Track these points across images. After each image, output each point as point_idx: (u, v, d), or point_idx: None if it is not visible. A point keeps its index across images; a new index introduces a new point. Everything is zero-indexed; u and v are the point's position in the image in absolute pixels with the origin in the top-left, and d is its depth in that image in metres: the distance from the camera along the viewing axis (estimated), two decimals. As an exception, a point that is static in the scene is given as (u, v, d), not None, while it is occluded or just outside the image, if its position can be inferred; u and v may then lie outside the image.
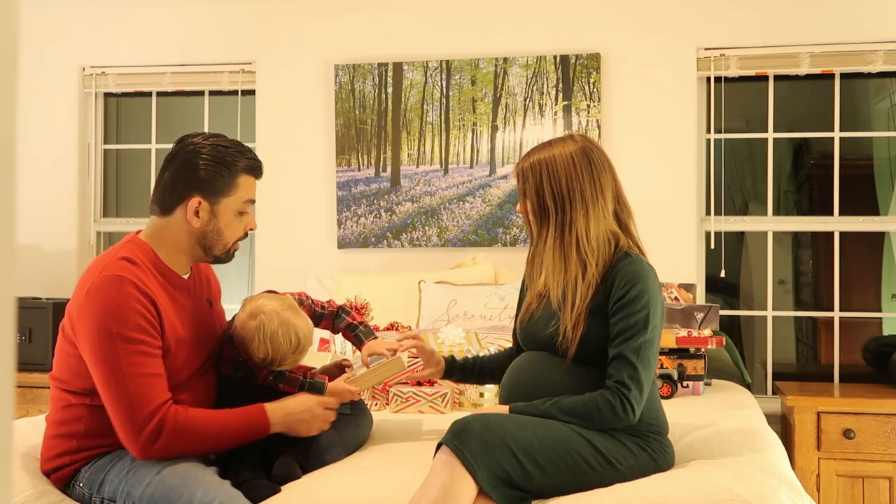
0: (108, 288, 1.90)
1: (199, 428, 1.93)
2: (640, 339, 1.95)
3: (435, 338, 3.01)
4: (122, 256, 1.98)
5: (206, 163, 2.02)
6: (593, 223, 2.03)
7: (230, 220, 2.07)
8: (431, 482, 1.78)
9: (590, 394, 1.96)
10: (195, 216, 2.03)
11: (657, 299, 2.01)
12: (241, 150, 2.08)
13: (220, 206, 2.05)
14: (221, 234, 2.07)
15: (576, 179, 2.03)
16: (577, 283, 2.01)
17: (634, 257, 2.03)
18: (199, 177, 2.02)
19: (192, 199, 2.02)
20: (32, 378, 3.62)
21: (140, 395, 1.87)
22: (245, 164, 2.07)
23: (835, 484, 3.16)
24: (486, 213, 3.85)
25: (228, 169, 2.04)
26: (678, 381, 3.04)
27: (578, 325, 1.99)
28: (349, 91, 3.94)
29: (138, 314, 1.90)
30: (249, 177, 2.09)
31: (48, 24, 4.17)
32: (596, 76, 3.76)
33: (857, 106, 4.24)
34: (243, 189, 2.07)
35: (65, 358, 1.99)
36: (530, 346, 2.14)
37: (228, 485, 1.87)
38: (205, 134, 2.10)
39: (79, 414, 1.98)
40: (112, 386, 1.87)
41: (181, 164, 2.04)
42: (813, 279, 4.64)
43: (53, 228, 4.14)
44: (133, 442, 1.88)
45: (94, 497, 1.93)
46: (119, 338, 1.87)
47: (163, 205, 2.06)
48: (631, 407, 1.92)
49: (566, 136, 2.14)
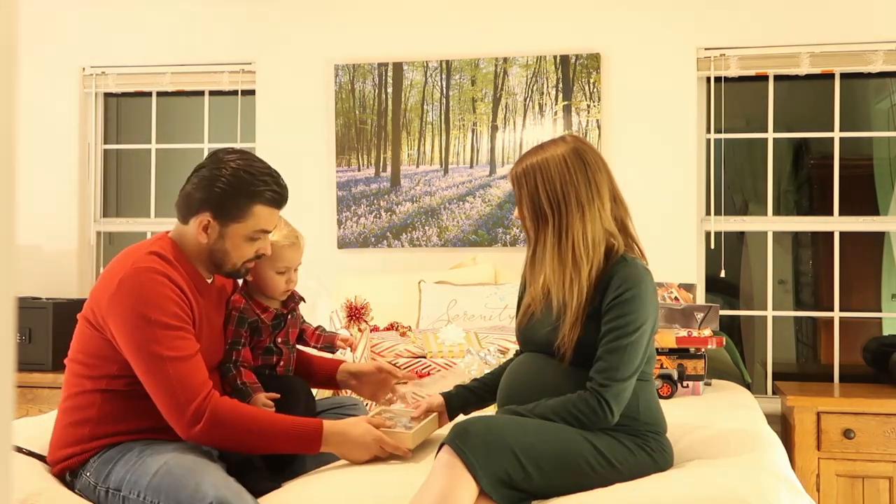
0: (143, 277, 1.93)
1: (247, 423, 1.92)
2: (625, 341, 1.94)
3: (435, 338, 3.01)
4: (152, 251, 2.01)
5: (225, 184, 2.01)
6: (590, 225, 2.02)
7: (239, 244, 2.06)
8: (433, 482, 1.78)
9: (570, 395, 1.96)
10: (203, 232, 2.04)
11: (650, 304, 2.00)
12: (265, 181, 2.03)
13: (229, 230, 2.04)
14: (228, 255, 2.07)
15: (570, 182, 2.02)
16: (575, 286, 2.00)
17: (630, 261, 2.02)
18: (214, 197, 2.01)
19: (202, 214, 2.03)
20: (32, 378, 3.62)
21: (181, 376, 1.89)
22: (265, 195, 2.03)
23: (835, 484, 3.16)
24: (486, 213, 3.85)
25: (245, 197, 2.02)
26: (678, 381, 3.04)
27: (576, 328, 1.99)
28: (349, 91, 3.95)
29: (173, 302, 1.93)
30: (268, 208, 2.05)
31: (48, 24, 4.18)
32: (596, 76, 3.76)
33: (857, 106, 4.24)
34: (257, 219, 2.05)
35: (88, 342, 2.00)
36: (529, 348, 2.15)
37: (233, 480, 1.87)
38: (241, 153, 2.07)
39: (91, 400, 1.99)
40: (154, 370, 1.89)
41: (203, 178, 2.03)
42: (813, 279, 4.64)
43: (53, 228, 4.14)
44: (177, 422, 1.90)
45: (99, 486, 1.94)
46: (157, 324, 1.90)
47: (181, 213, 2.08)
48: (609, 407, 1.92)
49: (558, 138, 2.13)
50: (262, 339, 2.24)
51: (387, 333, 3.12)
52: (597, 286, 2.01)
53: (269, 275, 2.21)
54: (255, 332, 2.23)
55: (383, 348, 3.02)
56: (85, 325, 2.03)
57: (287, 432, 1.95)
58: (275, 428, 1.95)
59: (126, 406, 1.96)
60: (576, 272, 2.01)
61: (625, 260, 2.02)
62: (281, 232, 2.20)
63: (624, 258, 2.03)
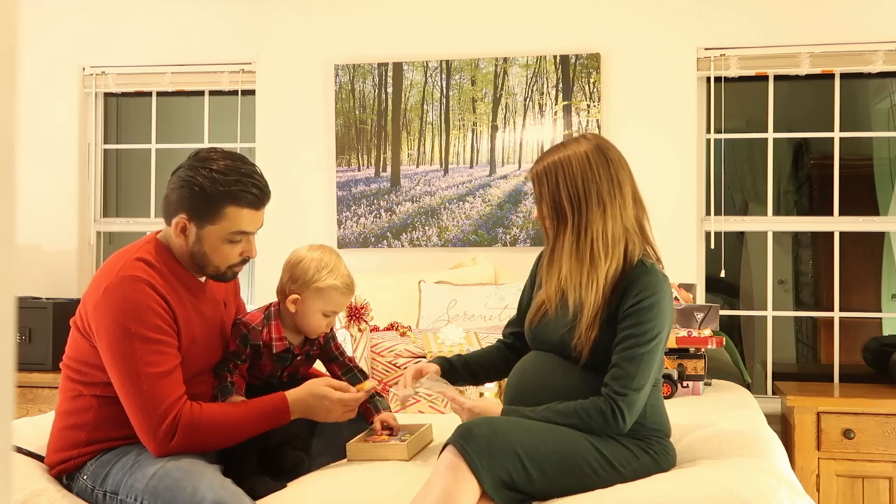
0: (126, 287, 1.92)
1: (217, 422, 1.94)
2: (642, 350, 1.93)
3: (435, 338, 3.01)
4: (138, 257, 1.99)
5: (199, 185, 1.97)
6: (611, 222, 2.00)
7: (217, 246, 2.02)
8: (435, 482, 1.78)
9: (583, 400, 1.95)
10: (182, 234, 2.02)
11: (667, 312, 1.99)
12: (242, 181, 1.98)
13: (205, 232, 2.00)
14: (208, 257, 2.03)
15: (592, 179, 2.00)
16: (592, 284, 1.99)
17: (649, 266, 2.01)
18: (188, 198, 1.98)
19: (179, 216, 2.01)
20: (32, 378, 3.62)
21: (154, 394, 1.89)
22: (240, 196, 1.97)
23: (835, 484, 3.16)
24: (486, 213, 3.85)
25: (218, 198, 1.97)
26: (678, 381, 3.04)
27: (593, 328, 1.97)
28: (349, 91, 3.95)
29: (155, 313, 1.92)
30: (243, 209, 1.99)
31: (48, 24, 4.17)
32: (596, 76, 3.76)
33: (857, 106, 4.24)
34: (232, 221, 1.99)
35: (79, 348, 2.01)
36: (540, 347, 2.12)
37: (230, 482, 1.87)
38: (221, 152, 2.03)
39: (88, 404, 1.99)
40: (128, 384, 1.90)
41: (180, 178, 2.01)
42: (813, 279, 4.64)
43: (53, 228, 4.14)
44: (151, 440, 1.90)
45: (96, 490, 1.94)
46: (136, 337, 1.89)
47: (165, 215, 2.06)
48: (622, 416, 1.91)
49: (579, 135, 2.11)
50: (264, 364, 2.16)
51: (387, 333, 3.12)
52: (615, 289, 1.99)
53: (316, 315, 2.14)
54: (257, 355, 2.16)
55: (383, 348, 3.02)
56: (76, 332, 2.03)
57: (257, 416, 2.00)
58: (244, 417, 1.98)
59: (122, 411, 1.95)
60: (593, 270, 1.99)
61: (644, 265, 2.00)
62: (341, 276, 2.14)
63: (643, 263, 2.01)
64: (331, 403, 2.06)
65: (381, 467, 2.04)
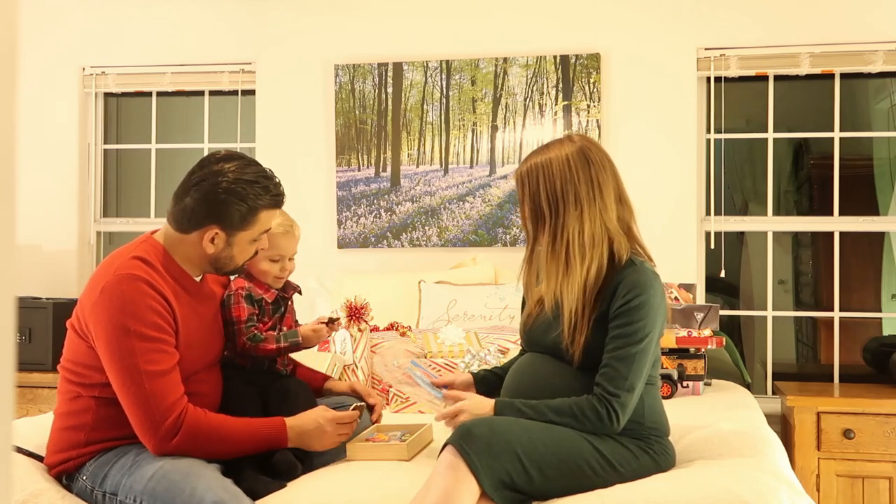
0: (125, 286, 1.92)
1: (218, 432, 1.95)
2: (633, 350, 1.93)
3: (435, 338, 3.01)
4: (135, 256, 2.00)
5: (229, 198, 2.00)
6: (588, 224, 1.99)
7: (244, 248, 2.09)
8: (435, 482, 1.78)
9: (577, 398, 1.95)
10: (210, 243, 2.04)
11: (658, 310, 1.99)
12: (265, 186, 2.05)
13: (237, 238, 2.06)
14: (234, 259, 2.10)
15: (571, 181, 2.00)
16: (566, 285, 1.99)
17: (639, 265, 2.00)
18: (220, 212, 2.01)
19: (209, 229, 2.03)
20: (32, 378, 3.62)
21: (156, 391, 1.89)
22: (267, 201, 2.06)
23: (835, 484, 3.16)
24: (486, 213, 3.85)
25: (250, 207, 2.03)
26: (678, 381, 3.04)
27: (581, 330, 1.97)
28: (349, 91, 3.95)
29: (154, 312, 1.93)
30: (270, 210, 2.09)
31: (48, 24, 4.18)
32: (596, 76, 3.76)
33: (857, 106, 4.24)
34: (262, 223, 2.08)
35: (76, 350, 2.01)
36: (534, 349, 2.13)
37: (230, 482, 1.87)
38: (232, 158, 2.05)
39: (86, 405, 1.99)
40: (129, 384, 1.90)
41: (205, 193, 2.01)
42: (813, 279, 4.64)
43: (53, 228, 4.14)
44: (150, 438, 1.90)
45: (95, 490, 1.94)
46: (135, 335, 1.89)
47: (180, 225, 2.05)
48: (616, 416, 1.92)
49: (564, 137, 2.11)
50: (266, 321, 2.25)
51: (387, 333, 3.12)
52: (603, 290, 1.99)
53: (262, 262, 2.23)
54: (260, 312, 2.24)
55: (383, 348, 3.02)
56: (72, 333, 2.03)
57: (256, 434, 2.00)
58: (244, 433, 1.99)
59: (121, 412, 1.95)
60: (568, 271, 1.99)
61: (633, 264, 2.00)
62: (275, 220, 2.20)
63: (632, 262, 2.00)
64: (325, 422, 2.07)
65: (381, 467, 2.05)
